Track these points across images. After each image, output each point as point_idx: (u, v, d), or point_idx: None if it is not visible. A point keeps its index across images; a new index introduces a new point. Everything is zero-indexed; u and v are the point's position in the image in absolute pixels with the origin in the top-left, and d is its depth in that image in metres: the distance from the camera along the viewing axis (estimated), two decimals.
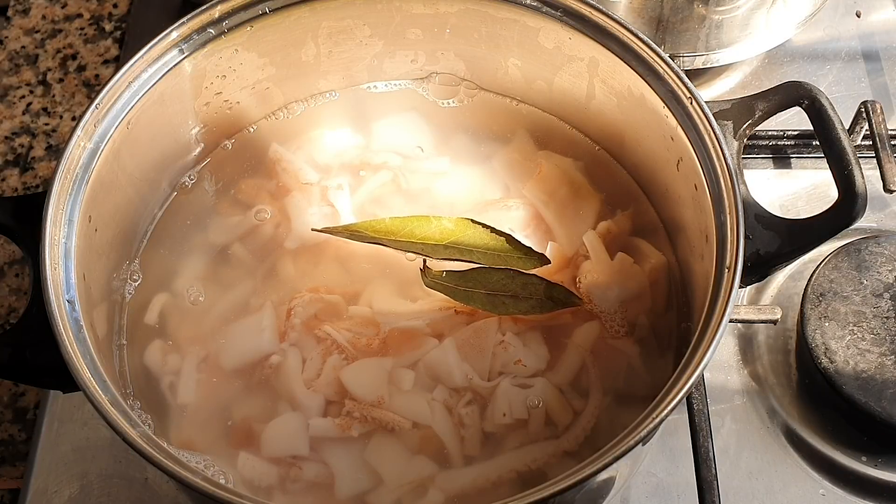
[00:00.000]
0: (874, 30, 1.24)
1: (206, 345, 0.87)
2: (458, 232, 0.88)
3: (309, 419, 0.82)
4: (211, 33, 0.88)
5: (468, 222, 0.88)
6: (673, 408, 0.70)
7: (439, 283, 0.86)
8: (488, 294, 0.85)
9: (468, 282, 0.86)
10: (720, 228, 0.78)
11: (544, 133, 0.99)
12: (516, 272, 0.85)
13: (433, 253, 0.87)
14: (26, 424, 1.03)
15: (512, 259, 0.88)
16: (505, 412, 0.82)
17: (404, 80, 1.01)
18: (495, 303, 0.85)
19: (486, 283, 0.86)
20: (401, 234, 0.88)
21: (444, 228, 0.88)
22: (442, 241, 0.88)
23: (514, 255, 0.88)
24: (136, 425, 0.72)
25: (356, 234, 0.89)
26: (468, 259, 0.87)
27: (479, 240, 0.88)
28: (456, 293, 0.86)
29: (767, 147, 1.12)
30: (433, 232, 0.88)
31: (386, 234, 0.89)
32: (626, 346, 0.86)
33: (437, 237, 0.88)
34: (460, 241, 0.88)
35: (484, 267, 0.86)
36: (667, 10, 1.07)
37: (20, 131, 1.24)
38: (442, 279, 0.86)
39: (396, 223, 0.89)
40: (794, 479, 0.94)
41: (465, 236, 0.88)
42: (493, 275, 0.86)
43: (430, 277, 0.86)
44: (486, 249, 0.87)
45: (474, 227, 0.88)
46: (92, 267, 0.82)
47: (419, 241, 0.88)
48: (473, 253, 0.87)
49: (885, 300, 0.96)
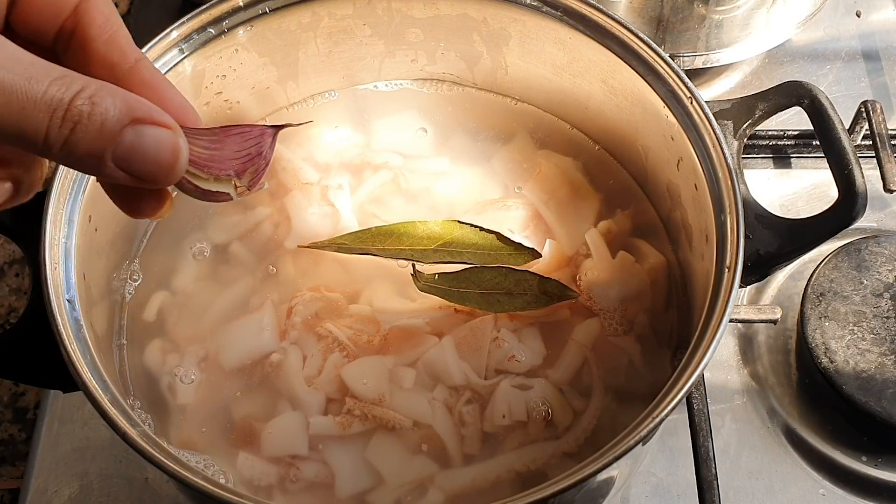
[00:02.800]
0: (874, 30, 1.24)
1: (205, 344, 0.87)
2: (446, 234, 0.88)
3: (309, 417, 0.82)
4: (211, 33, 0.88)
5: (455, 224, 0.88)
6: (673, 408, 0.70)
7: (432, 287, 0.86)
8: (482, 293, 0.85)
9: (461, 282, 0.86)
10: (720, 228, 0.78)
11: (544, 133, 0.99)
12: (509, 270, 0.85)
13: (424, 258, 0.87)
14: (26, 424, 1.03)
15: (503, 256, 0.88)
16: (504, 413, 0.82)
17: (404, 79, 1.01)
18: (490, 301, 0.85)
19: (480, 283, 0.85)
20: (388, 241, 0.88)
21: (431, 232, 0.88)
22: (430, 245, 0.88)
23: (505, 252, 0.88)
24: (136, 425, 0.72)
25: (343, 247, 0.89)
26: (459, 260, 0.87)
27: (469, 240, 0.88)
28: (450, 294, 0.86)
29: (767, 147, 1.12)
30: (421, 237, 0.88)
31: (373, 244, 0.88)
32: (627, 343, 0.86)
33: (425, 242, 0.88)
34: (449, 243, 0.88)
35: (476, 266, 0.86)
36: (667, 10, 1.07)
37: None
38: (434, 282, 0.86)
39: (383, 231, 0.88)
40: (794, 479, 0.94)
41: (453, 238, 0.88)
42: (485, 274, 0.85)
43: (422, 282, 0.86)
44: (477, 249, 0.87)
45: (462, 227, 0.88)
46: (92, 266, 0.82)
47: (407, 247, 0.88)
48: (464, 254, 0.87)
49: (885, 300, 0.96)
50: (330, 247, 0.89)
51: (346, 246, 0.89)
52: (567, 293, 0.85)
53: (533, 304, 0.85)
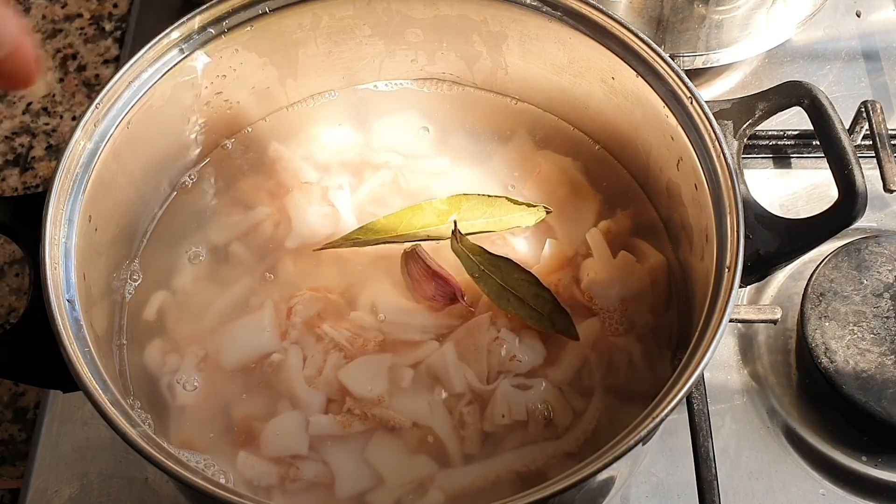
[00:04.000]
0: (874, 30, 1.24)
1: (205, 344, 0.87)
2: (454, 209, 0.89)
3: (310, 417, 0.82)
4: (211, 33, 0.88)
5: (462, 196, 0.89)
6: (673, 408, 0.70)
7: (464, 252, 0.86)
8: (500, 286, 0.85)
9: (491, 265, 0.86)
10: (720, 228, 0.78)
11: (544, 133, 0.99)
12: (536, 282, 0.85)
13: (441, 235, 0.88)
14: (26, 424, 1.03)
15: (516, 217, 0.89)
16: (504, 413, 0.82)
17: (404, 79, 1.01)
18: (501, 296, 0.85)
19: (506, 277, 0.85)
20: (401, 227, 0.88)
21: (440, 211, 0.89)
22: (443, 222, 0.88)
23: (517, 214, 0.89)
24: (136, 425, 0.72)
25: (358, 241, 0.89)
26: (475, 231, 0.88)
27: (479, 209, 0.89)
28: (473, 268, 0.86)
29: (767, 147, 1.12)
30: (431, 217, 0.88)
31: (387, 233, 0.89)
32: (628, 342, 0.86)
33: (436, 220, 0.88)
34: (461, 216, 0.88)
35: (512, 262, 0.86)
36: (667, 9, 1.07)
37: (20, 131, 1.24)
38: (469, 250, 0.86)
39: (392, 220, 0.89)
40: (794, 479, 0.94)
41: (463, 210, 0.88)
42: (515, 272, 0.86)
43: (460, 243, 0.86)
44: (489, 216, 0.88)
45: (469, 198, 0.89)
46: (92, 266, 0.82)
47: (421, 228, 0.88)
48: (476, 224, 0.88)
49: (885, 300, 0.96)
50: (345, 243, 0.89)
51: (359, 240, 0.89)
52: (571, 332, 0.85)
53: (535, 322, 0.85)
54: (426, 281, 0.86)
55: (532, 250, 0.91)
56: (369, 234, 0.89)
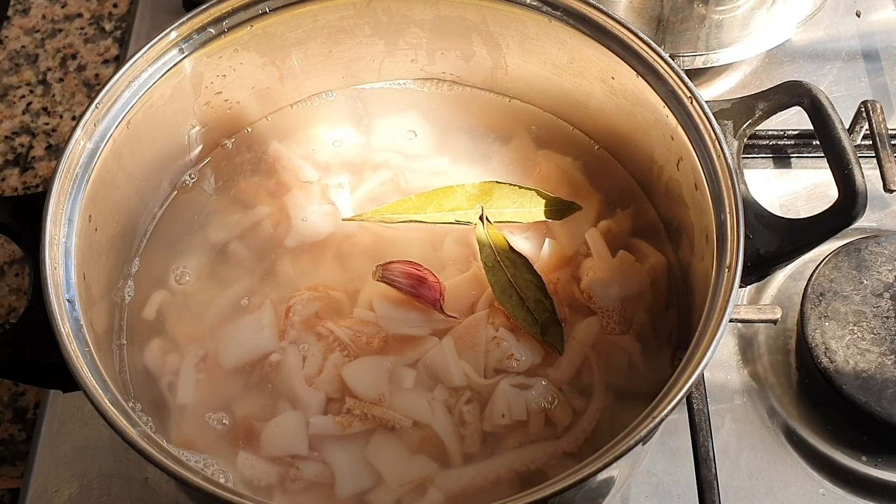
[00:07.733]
0: (874, 29, 1.24)
1: (205, 343, 0.87)
2: (484, 195, 0.89)
3: (309, 416, 0.82)
4: (211, 33, 0.88)
5: (493, 184, 0.90)
6: (673, 407, 0.70)
7: (486, 240, 0.87)
8: (509, 281, 0.86)
9: (507, 259, 0.86)
10: (720, 228, 0.78)
11: (544, 132, 0.99)
12: (543, 288, 0.86)
13: (469, 220, 0.89)
14: (26, 424, 1.03)
15: (545, 211, 0.90)
16: (504, 413, 0.82)
17: (404, 79, 1.01)
18: (506, 292, 0.86)
19: (517, 274, 0.86)
20: (430, 207, 0.89)
21: (470, 195, 0.90)
22: (471, 206, 0.89)
23: (548, 208, 0.90)
24: (136, 424, 0.72)
25: (387, 218, 0.90)
26: (503, 220, 0.89)
27: (509, 198, 0.90)
28: (489, 258, 0.86)
29: (767, 147, 1.12)
30: (461, 200, 0.89)
31: (416, 211, 0.90)
32: (627, 342, 0.86)
33: (465, 205, 0.89)
34: (491, 203, 0.88)
35: (528, 263, 0.86)
36: (667, 9, 1.07)
37: (20, 131, 1.24)
38: (493, 238, 0.86)
39: (423, 199, 0.90)
40: (794, 479, 0.94)
41: (493, 198, 0.89)
42: (528, 273, 0.86)
43: (486, 230, 0.87)
44: (519, 207, 0.88)
45: (500, 186, 0.90)
46: (92, 266, 0.82)
47: (450, 210, 0.89)
48: (505, 213, 0.88)
49: (885, 300, 0.96)
50: (373, 218, 0.90)
51: (389, 217, 0.90)
52: (558, 345, 0.85)
53: (527, 325, 0.85)
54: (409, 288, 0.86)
55: (532, 249, 0.91)
56: (398, 212, 0.90)
